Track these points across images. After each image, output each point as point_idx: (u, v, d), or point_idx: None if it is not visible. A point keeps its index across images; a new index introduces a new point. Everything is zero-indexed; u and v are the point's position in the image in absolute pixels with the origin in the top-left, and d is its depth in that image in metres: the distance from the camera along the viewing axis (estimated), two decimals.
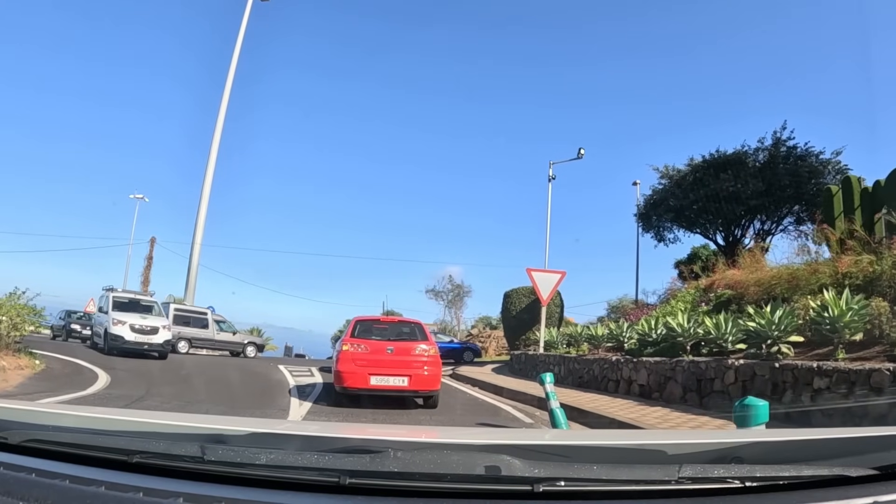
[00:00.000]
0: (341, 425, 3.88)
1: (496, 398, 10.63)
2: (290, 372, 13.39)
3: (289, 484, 1.00)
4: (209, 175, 24.78)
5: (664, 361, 8.82)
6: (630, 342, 11.16)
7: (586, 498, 0.99)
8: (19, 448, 1.13)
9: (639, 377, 9.37)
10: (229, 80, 25.15)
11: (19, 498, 0.90)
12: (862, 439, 1.30)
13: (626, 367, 9.86)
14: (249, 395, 10.10)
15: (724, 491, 1.00)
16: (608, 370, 10.49)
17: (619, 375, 10.02)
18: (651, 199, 23.30)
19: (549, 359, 13.74)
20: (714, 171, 20.19)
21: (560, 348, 14.63)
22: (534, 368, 14.07)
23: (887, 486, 1.00)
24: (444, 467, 0.99)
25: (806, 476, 1.02)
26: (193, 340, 20.26)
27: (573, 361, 12.23)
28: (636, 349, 10.42)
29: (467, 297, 43.99)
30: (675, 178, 22.06)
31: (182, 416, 1.70)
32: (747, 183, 19.29)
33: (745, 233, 21.25)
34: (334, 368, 8.60)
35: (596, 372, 10.94)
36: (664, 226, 23.24)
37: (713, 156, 21.05)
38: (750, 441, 1.27)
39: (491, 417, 8.20)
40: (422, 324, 9.42)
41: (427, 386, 8.30)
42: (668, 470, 0.99)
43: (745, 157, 20.42)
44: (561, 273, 15.60)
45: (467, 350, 25.01)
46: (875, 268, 8.16)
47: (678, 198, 21.28)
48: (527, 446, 1.28)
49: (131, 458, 1.06)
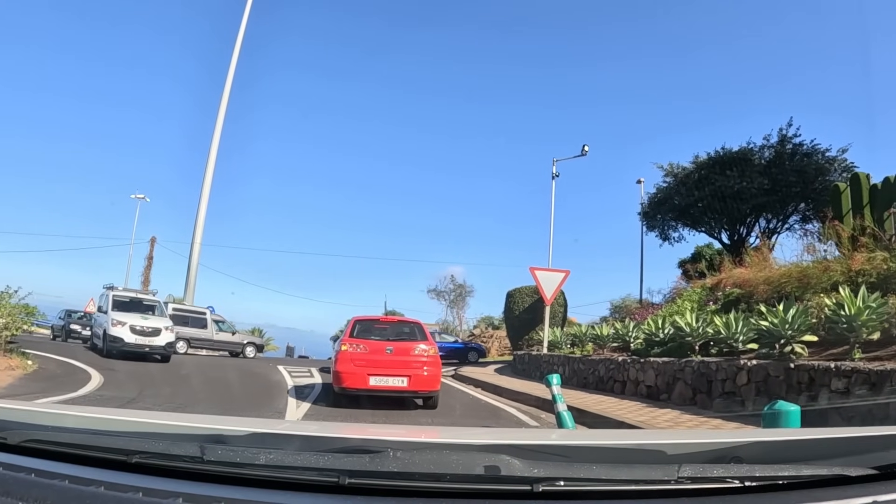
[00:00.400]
0: (340, 425, 3.88)
1: (499, 399, 10.51)
2: (289, 373, 13.29)
3: (288, 484, 1.00)
4: (209, 173, 24.70)
5: (672, 362, 8.62)
6: (636, 342, 11.01)
7: (586, 498, 0.99)
8: (18, 448, 1.13)
9: (646, 378, 9.20)
10: (229, 79, 25.16)
11: (18, 498, 0.90)
12: (861, 439, 1.30)
13: (632, 367, 9.67)
14: (246, 396, 10.05)
15: (723, 490, 1.00)
16: (614, 371, 10.27)
17: (626, 376, 9.81)
18: (655, 198, 23.04)
19: (554, 359, 13.52)
20: (720, 169, 19.96)
21: (564, 348, 14.45)
22: (537, 369, 13.97)
23: (887, 485, 1.00)
24: (444, 467, 0.99)
25: (805, 476, 1.02)
26: (192, 341, 20.03)
27: (578, 362, 12.02)
28: (643, 349, 10.27)
29: (469, 297, 44.04)
30: (679, 177, 21.84)
31: (181, 417, 1.70)
32: (753, 180, 19.02)
33: (750, 231, 21.12)
34: (333, 369, 8.54)
35: (602, 373, 10.74)
36: (669, 224, 23.02)
37: (718, 153, 20.80)
38: (749, 441, 1.27)
39: (493, 419, 8.17)
40: (421, 324, 9.35)
41: (427, 386, 8.24)
42: (668, 470, 0.99)
43: (750, 155, 20.19)
44: (565, 272, 15.37)
45: (472, 350, 24.74)
46: (890, 265, 8.03)
47: (683, 196, 21.05)
48: (526, 446, 1.28)
49: (130, 458, 1.06)
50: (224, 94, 25.11)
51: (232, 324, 22.60)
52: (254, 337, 23.86)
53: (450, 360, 22.15)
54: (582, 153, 22.96)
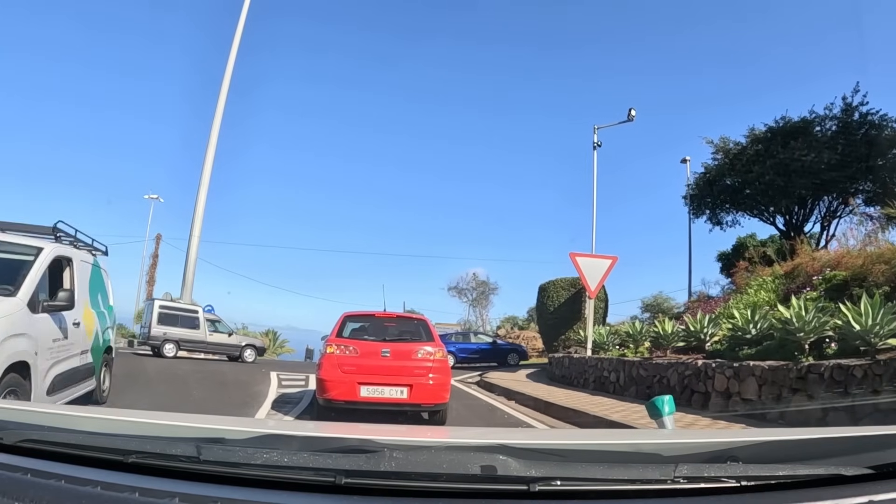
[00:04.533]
0: (337, 425, 3.88)
1: (543, 419, 8.15)
2: (279, 380, 11.95)
3: (285, 484, 1.00)
4: (209, 159, 22.94)
5: (784, 367, 6.55)
6: (712, 341, 9.13)
7: (582, 497, 0.99)
8: (14, 448, 1.13)
9: (743, 388, 7.10)
10: (229, 73, 24.58)
11: (15, 498, 0.89)
12: (857, 438, 1.30)
13: (719, 374, 7.57)
14: (204, 412, 7.62)
15: (719, 490, 1.00)
16: (691, 379, 8.16)
17: (710, 386, 7.72)
18: (705, 177, 20.48)
19: (603, 363, 11.22)
20: (782, 140, 17.68)
21: (613, 350, 12.36)
22: (581, 375, 12.11)
23: (883, 485, 1.01)
24: (440, 467, 0.99)
25: (801, 475, 1.02)
26: (182, 343, 18.38)
27: (637, 367, 9.72)
28: (725, 350, 8.44)
29: (493, 295, 41.85)
30: (732, 152, 19.40)
31: (178, 416, 1.70)
32: (821, 153, 16.66)
33: (809, 216, 19.25)
34: (316, 376, 7.12)
35: (673, 381, 8.60)
36: (721, 207, 20.47)
37: (778, 123, 18.39)
38: (746, 440, 1.27)
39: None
40: (427, 320, 7.89)
41: (432, 399, 6.78)
42: (664, 469, 0.99)
43: (811, 127, 17.89)
44: (612, 258, 13.19)
45: (512, 351, 21.85)
46: None
47: (740, 173, 18.64)
48: (523, 446, 1.28)
49: (127, 458, 1.05)
50: (224, 89, 24.08)
51: (227, 324, 20.75)
52: (253, 339, 21.87)
53: (489, 363, 20.36)
54: (628, 118, 19.80)
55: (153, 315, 18.32)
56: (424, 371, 6.83)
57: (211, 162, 23.30)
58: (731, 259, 22.31)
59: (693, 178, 22.01)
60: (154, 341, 18.15)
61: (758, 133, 18.95)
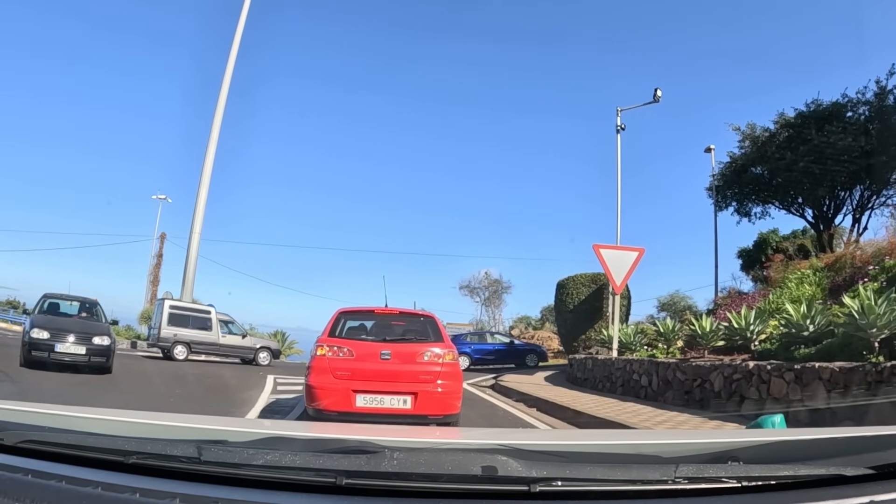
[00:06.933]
0: (338, 426, 3.87)
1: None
2: (276, 384, 11.27)
3: (286, 484, 1.00)
4: (210, 156, 22.14)
5: (860, 368, 5.60)
6: (759, 339, 8.21)
7: (583, 498, 0.99)
8: (15, 449, 1.13)
9: (807, 395, 6.13)
10: (230, 69, 24.39)
11: (15, 499, 0.89)
12: (858, 439, 1.30)
13: (776, 377, 6.58)
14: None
15: (720, 490, 1.00)
16: (741, 383, 7.11)
17: (766, 391, 6.77)
18: (731, 167, 19.32)
19: (632, 365, 10.04)
20: (815, 124, 16.58)
21: (640, 350, 11.43)
22: (607, 378, 11.01)
23: (883, 485, 1.01)
24: (441, 468, 0.99)
25: (802, 475, 1.02)
26: (193, 345, 17.21)
27: (673, 369, 8.60)
28: (777, 349, 7.53)
29: (506, 294, 40.30)
30: (761, 139, 18.19)
31: (178, 417, 1.70)
32: (857, 138, 15.54)
33: (840, 208, 18.14)
34: (305, 382, 6.22)
35: (717, 385, 7.53)
36: (749, 198, 19.33)
37: (809, 107, 17.27)
38: (747, 441, 1.27)
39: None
40: (434, 317, 6.79)
41: (440, 409, 5.88)
42: (665, 470, 0.99)
43: (843, 111, 16.84)
44: (639, 250, 12.22)
45: (531, 352, 20.71)
46: None
47: (770, 160, 17.48)
48: (524, 447, 1.28)
49: (127, 458, 1.05)
50: (226, 82, 23.64)
51: (241, 324, 19.48)
52: (269, 341, 20.38)
53: (506, 365, 19.47)
54: (654, 99, 18.67)
55: (163, 316, 17.18)
56: (432, 377, 5.93)
57: (212, 159, 22.30)
58: (752, 255, 21.62)
59: (718, 168, 20.86)
60: (164, 343, 17.03)
61: (788, 118, 17.66)
